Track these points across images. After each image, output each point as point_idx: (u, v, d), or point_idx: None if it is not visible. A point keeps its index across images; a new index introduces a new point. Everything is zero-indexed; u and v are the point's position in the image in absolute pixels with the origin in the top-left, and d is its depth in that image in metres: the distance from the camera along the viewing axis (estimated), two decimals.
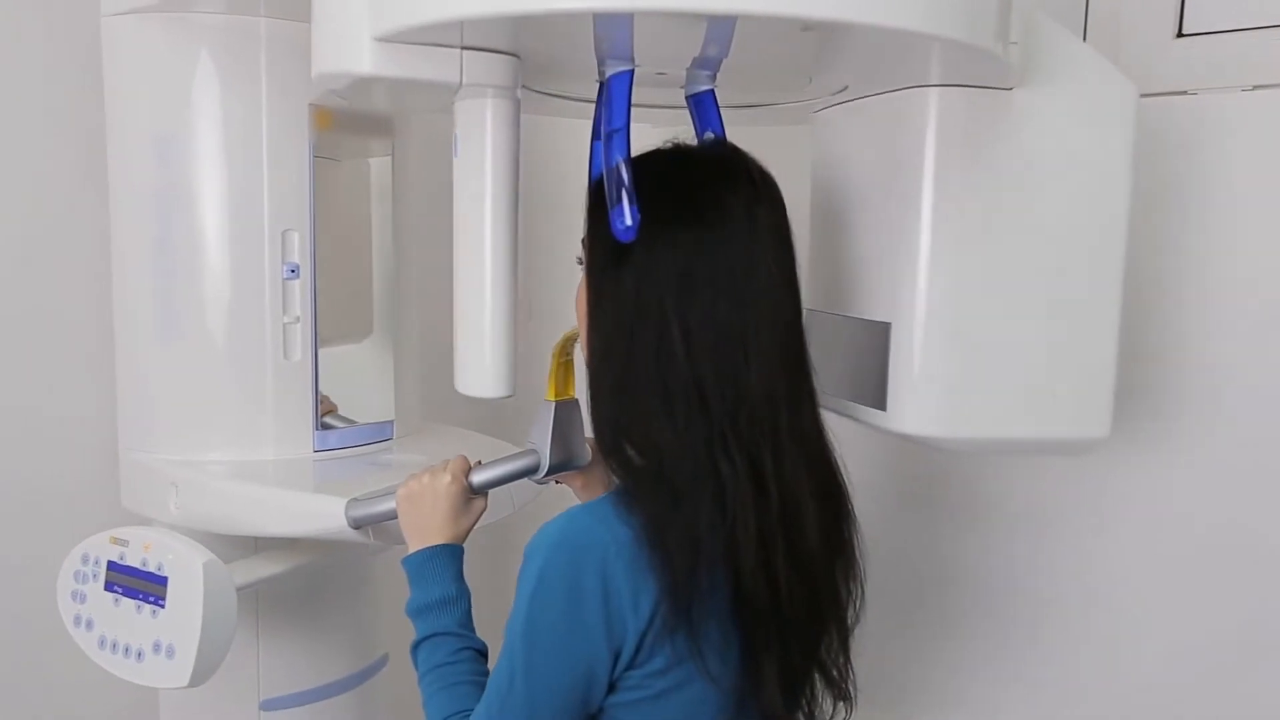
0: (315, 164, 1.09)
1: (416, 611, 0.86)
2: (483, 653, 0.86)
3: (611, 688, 0.76)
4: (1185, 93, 1.24)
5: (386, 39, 0.76)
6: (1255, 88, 1.19)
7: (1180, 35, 1.26)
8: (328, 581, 1.20)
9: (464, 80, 0.79)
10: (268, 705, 1.16)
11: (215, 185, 1.06)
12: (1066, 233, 0.95)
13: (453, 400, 1.04)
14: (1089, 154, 0.95)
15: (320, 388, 1.16)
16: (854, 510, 0.87)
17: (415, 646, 0.86)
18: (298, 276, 1.09)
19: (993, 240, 0.94)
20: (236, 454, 1.09)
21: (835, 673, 0.84)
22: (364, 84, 0.83)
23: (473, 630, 0.87)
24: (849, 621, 0.86)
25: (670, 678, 0.74)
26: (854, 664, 0.87)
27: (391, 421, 1.21)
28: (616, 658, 0.74)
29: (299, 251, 1.09)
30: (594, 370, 0.80)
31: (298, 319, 1.09)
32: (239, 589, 0.94)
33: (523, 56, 0.84)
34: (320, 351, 1.11)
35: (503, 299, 0.88)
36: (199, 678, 0.89)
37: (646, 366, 0.75)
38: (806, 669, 0.81)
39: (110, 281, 1.14)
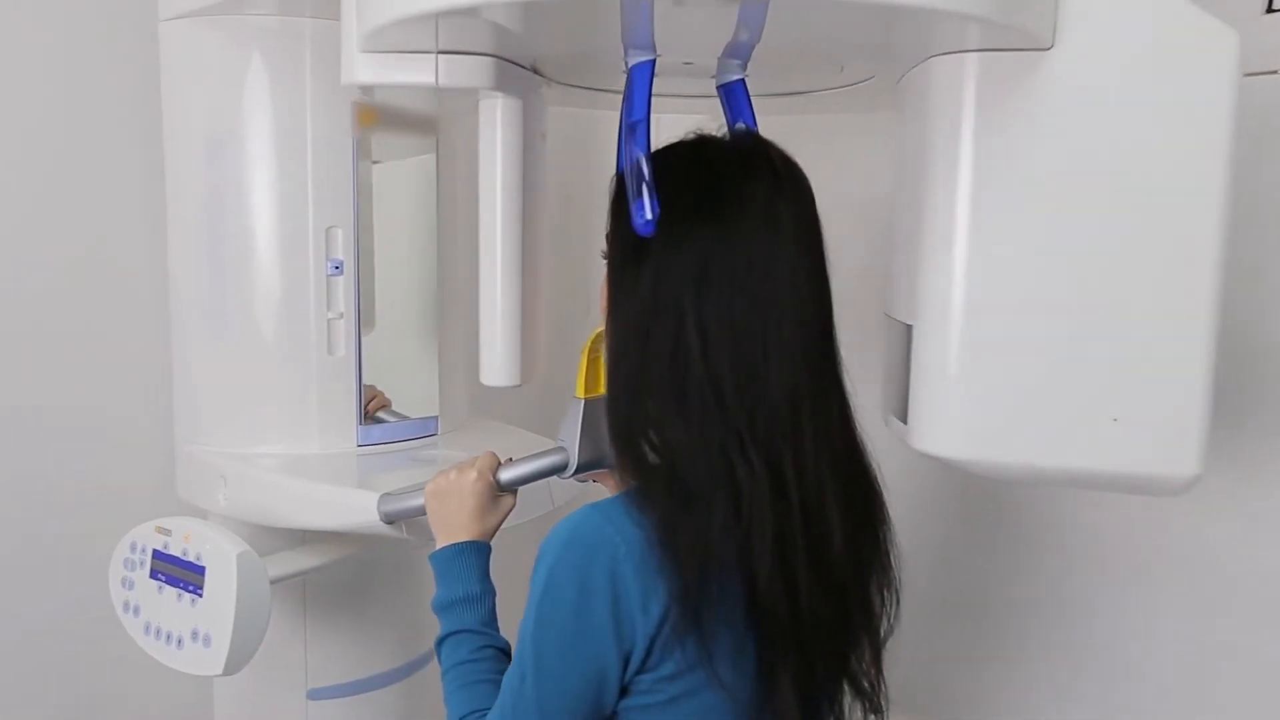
0: (360, 162, 1.10)
1: (441, 608, 0.86)
2: (505, 651, 0.85)
3: (624, 691, 0.74)
4: (1276, 72, 1.15)
5: (369, 47, 0.78)
6: None
7: (1271, 10, 1.17)
8: (375, 575, 1.21)
9: (440, 83, 0.83)
10: (315, 694, 1.18)
11: (262, 183, 1.08)
12: (1137, 225, 0.78)
13: (504, 396, 1.05)
14: (1169, 126, 0.77)
15: (375, 383, 1.18)
16: (890, 516, 0.83)
17: (439, 643, 0.86)
18: (341, 273, 1.10)
19: (1041, 231, 0.79)
20: (283, 447, 1.11)
21: (866, 684, 0.81)
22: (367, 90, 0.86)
23: (496, 628, 0.86)
24: (882, 631, 0.82)
25: (681, 683, 0.72)
26: (886, 674, 0.83)
27: (436, 417, 1.22)
28: (627, 661, 0.72)
29: (343, 248, 1.10)
30: (610, 367, 0.78)
31: (341, 315, 1.10)
32: (274, 581, 0.95)
33: (544, 53, 0.84)
34: (373, 347, 1.13)
35: (510, 291, 0.89)
36: (233, 666, 0.90)
37: (662, 364, 0.73)
38: (831, 680, 0.78)
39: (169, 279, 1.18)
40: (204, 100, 1.10)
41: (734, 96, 0.88)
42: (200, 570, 0.92)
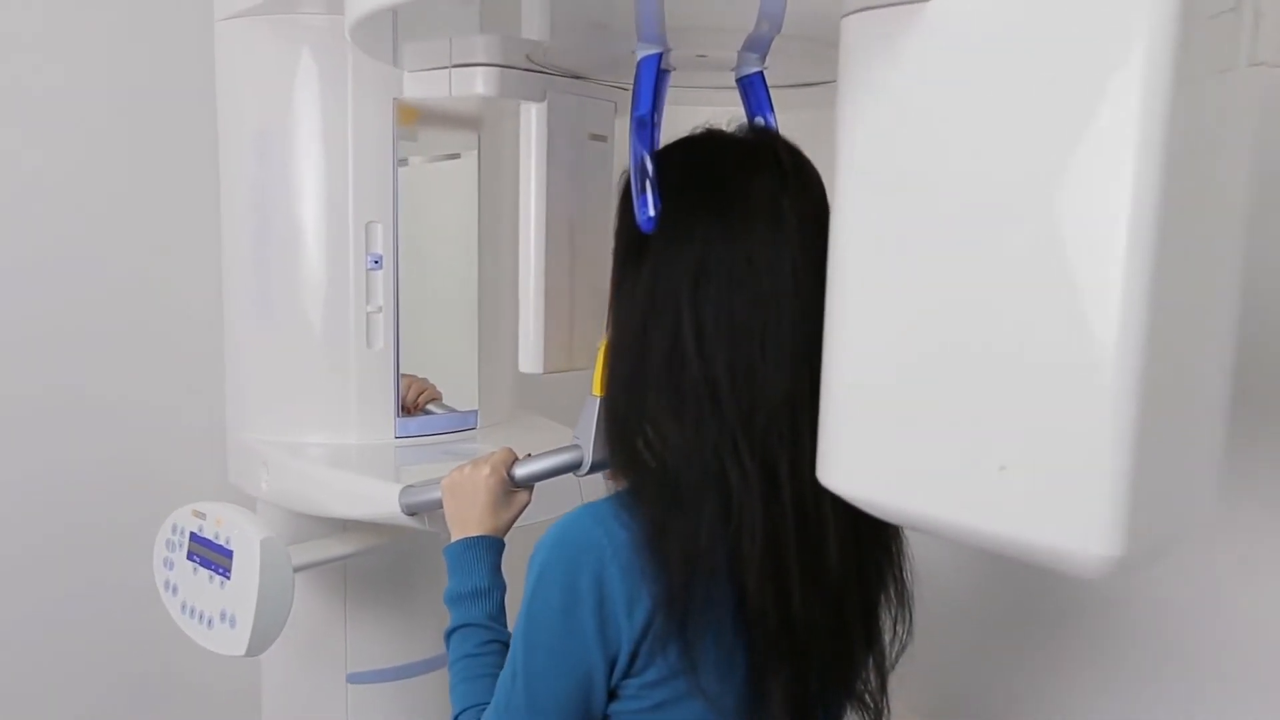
0: (399, 158, 1.12)
1: (450, 601, 0.87)
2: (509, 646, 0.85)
3: (614, 694, 0.73)
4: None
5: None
6: None
7: None
8: (415, 564, 1.23)
9: (453, 94, 0.88)
10: (354, 679, 1.21)
11: (307, 178, 1.11)
12: (1034, 225, 0.52)
13: (551, 392, 1.05)
14: (1081, 94, 0.50)
15: (426, 377, 1.21)
16: (900, 528, 0.80)
17: (447, 635, 0.87)
18: (381, 267, 1.12)
19: (910, 233, 0.58)
20: (323, 437, 1.14)
21: (869, 698, 0.78)
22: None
23: (503, 623, 0.86)
24: (885, 645, 0.79)
25: (666, 690, 0.71)
26: (901, 683, 0.80)
27: (475, 411, 1.23)
28: (612, 665, 0.71)
29: (382, 243, 1.12)
30: (609, 365, 0.77)
31: (380, 308, 1.13)
32: (299, 568, 0.98)
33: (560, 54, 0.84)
34: (419, 341, 1.15)
35: (537, 283, 0.90)
36: (255, 648, 0.93)
37: (659, 363, 0.72)
38: (830, 692, 0.75)
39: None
40: (255, 96, 1.14)
41: (753, 90, 0.85)
42: (229, 554, 0.95)
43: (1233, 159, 0.57)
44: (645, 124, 0.76)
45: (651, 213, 0.73)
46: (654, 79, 0.76)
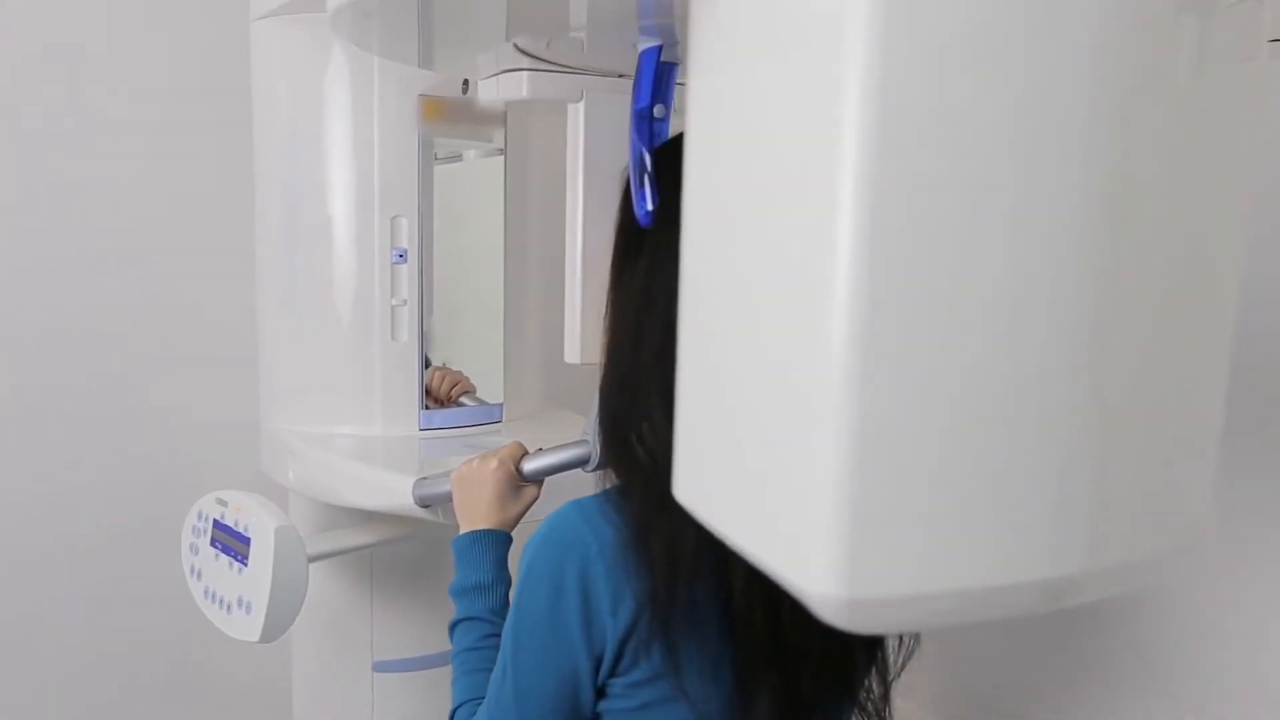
0: (426, 153, 1.13)
1: (455, 593, 0.87)
2: None
3: (602, 692, 0.72)
4: None
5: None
6: None
7: None
8: (440, 554, 1.24)
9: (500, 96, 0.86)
10: (380, 667, 1.23)
11: (334, 173, 1.13)
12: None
13: (583, 386, 1.04)
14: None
15: (462, 369, 1.23)
16: None
17: (452, 628, 0.87)
18: (405, 261, 1.13)
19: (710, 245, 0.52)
20: (349, 428, 1.15)
21: (870, 706, 0.75)
22: None
23: (505, 617, 0.86)
24: (889, 651, 0.76)
25: (652, 690, 0.70)
26: (910, 691, 0.77)
27: (500, 404, 1.23)
28: (598, 663, 0.70)
29: (407, 237, 1.13)
30: (605, 361, 0.76)
31: (405, 302, 1.14)
32: (315, 558, 0.99)
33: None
34: (449, 334, 1.17)
35: (579, 276, 0.90)
36: (269, 635, 0.95)
37: (651, 358, 0.71)
38: (830, 699, 0.73)
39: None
40: (286, 93, 1.16)
41: None
42: (247, 541, 0.97)
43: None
44: (645, 117, 0.74)
45: (650, 207, 0.72)
46: (654, 72, 0.75)
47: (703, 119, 0.53)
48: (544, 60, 0.87)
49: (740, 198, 0.48)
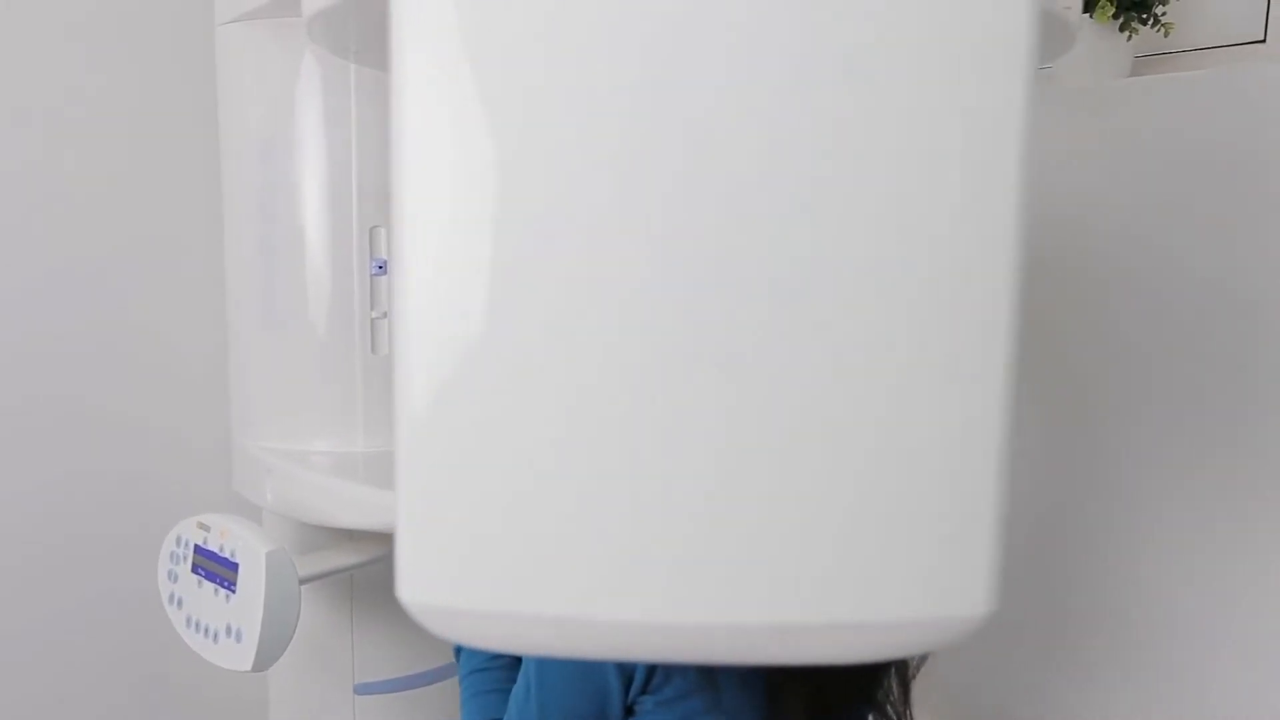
0: None
1: None
2: (519, 659, 0.83)
3: (630, 710, 0.71)
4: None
5: None
6: None
7: None
8: None
9: None
10: (362, 689, 1.20)
11: (309, 183, 1.09)
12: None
13: None
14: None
15: None
16: None
17: (458, 648, 0.85)
18: (385, 272, 1.10)
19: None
20: (329, 445, 1.12)
21: (892, 712, 0.76)
22: None
23: None
24: (912, 660, 0.77)
25: (685, 706, 0.69)
26: (920, 694, 0.78)
27: None
28: (629, 682, 0.69)
29: (386, 248, 1.10)
30: None
31: (385, 314, 1.11)
32: (305, 580, 0.96)
33: None
34: None
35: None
36: (261, 664, 0.91)
37: None
38: (852, 707, 0.74)
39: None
40: (257, 101, 1.12)
41: None
42: (234, 567, 0.93)
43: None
44: None
45: None
46: None
47: None
48: None
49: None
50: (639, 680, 0.68)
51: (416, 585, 0.43)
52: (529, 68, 0.39)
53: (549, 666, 0.70)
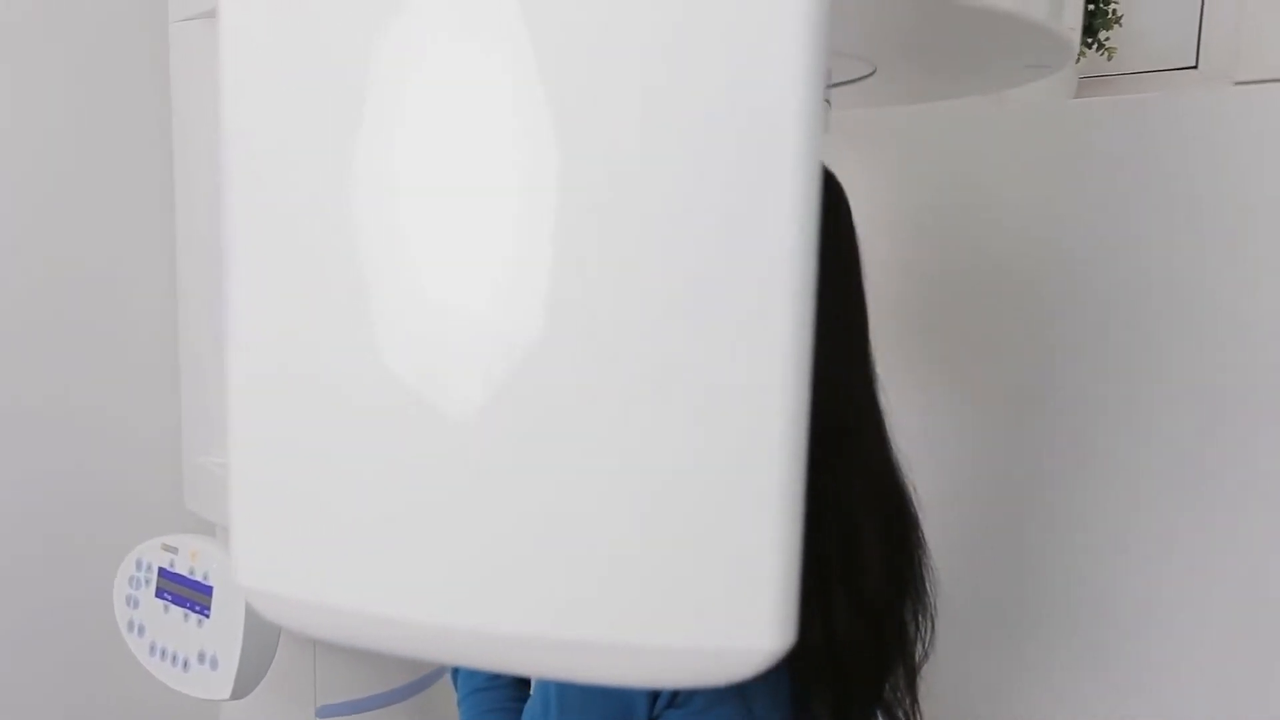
0: None
1: None
2: (525, 679, 0.82)
3: None
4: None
5: None
6: None
7: None
8: None
9: None
10: (324, 712, 1.15)
11: None
12: None
13: None
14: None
15: None
16: (925, 540, 0.80)
17: (455, 669, 0.83)
18: None
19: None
20: None
21: (901, 714, 0.77)
22: None
23: None
24: (917, 658, 0.79)
25: (714, 716, 0.69)
26: (922, 702, 0.80)
27: None
28: (655, 695, 0.69)
29: None
30: None
31: None
32: None
33: None
34: None
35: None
36: (241, 690, 0.87)
37: None
38: (866, 709, 0.75)
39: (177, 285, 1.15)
40: (213, 102, 1.07)
41: None
42: (207, 590, 0.89)
43: None
44: None
45: None
46: None
47: None
48: None
49: None
50: (666, 693, 0.68)
51: (249, 571, 0.43)
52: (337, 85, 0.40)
53: (571, 685, 0.69)
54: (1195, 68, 1.27)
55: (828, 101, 0.87)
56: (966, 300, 1.25)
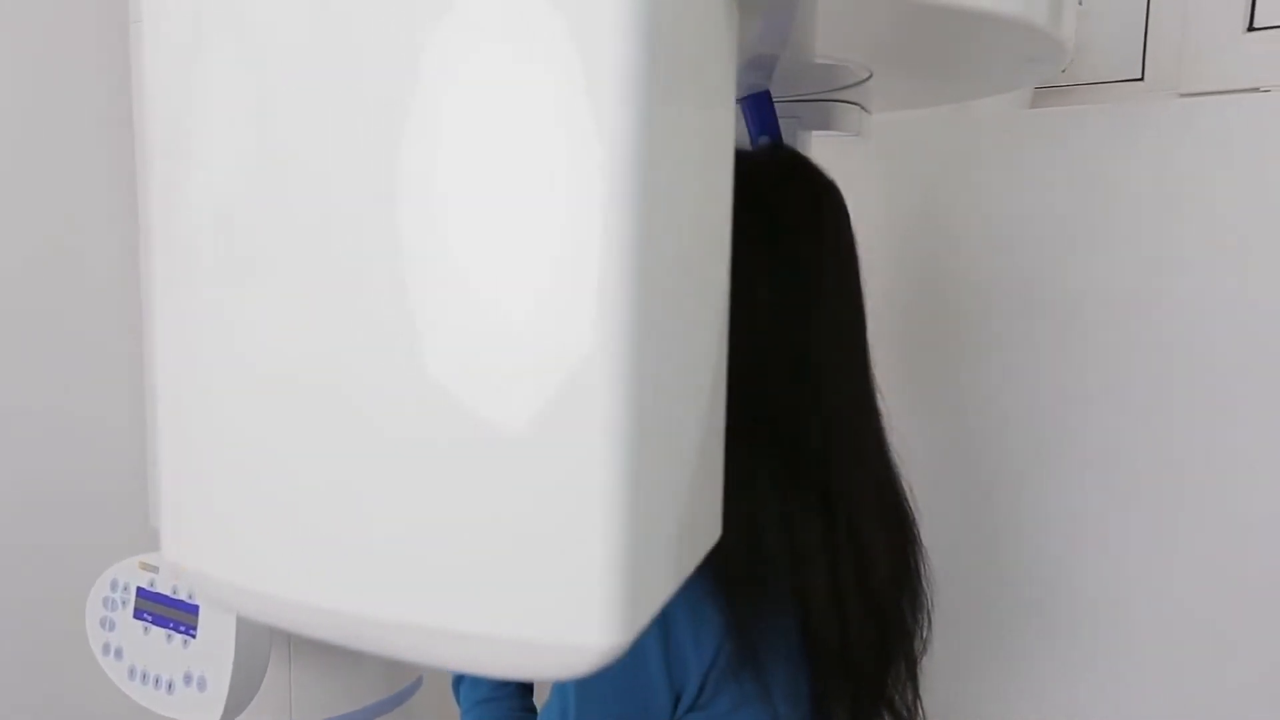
0: None
1: None
2: (528, 686, 0.81)
3: None
4: (1258, 90, 1.18)
5: None
6: None
7: (1252, 29, 1.20)
8: None
9: None
10: None
11: None
12: None
13: None
14: None
15: None
16: (920, 537, 0.82)
17: (457, 680, 0.82)
18: None
19: None
20: None
21: (904, 711, 0.79)
22: None
23: None
24: (916, 653, 0.81)
25: (738, 718, 0.69)
26: (923, 697, 0.82)
27: None
28: (677, 699, 0.69)
29: None
30: None
31: None
32: None
33: None
34: None
35: None
36: (231, 712, 0.85)
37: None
38: (875, 708, 0.77)
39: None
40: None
41: (759, 108, 0.86)
42: (193, 609, 0.86)
43: None
44: None
45: None
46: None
47: None
48: None
49: None
50: (689, 695, 0.68)
51: (173, 546, 0.45)
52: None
53: (590, 685, 0.69)
54: (1141, 80, 1.32)
55: (865, 109, 0.89)
56: (935, 305, 1.28)
